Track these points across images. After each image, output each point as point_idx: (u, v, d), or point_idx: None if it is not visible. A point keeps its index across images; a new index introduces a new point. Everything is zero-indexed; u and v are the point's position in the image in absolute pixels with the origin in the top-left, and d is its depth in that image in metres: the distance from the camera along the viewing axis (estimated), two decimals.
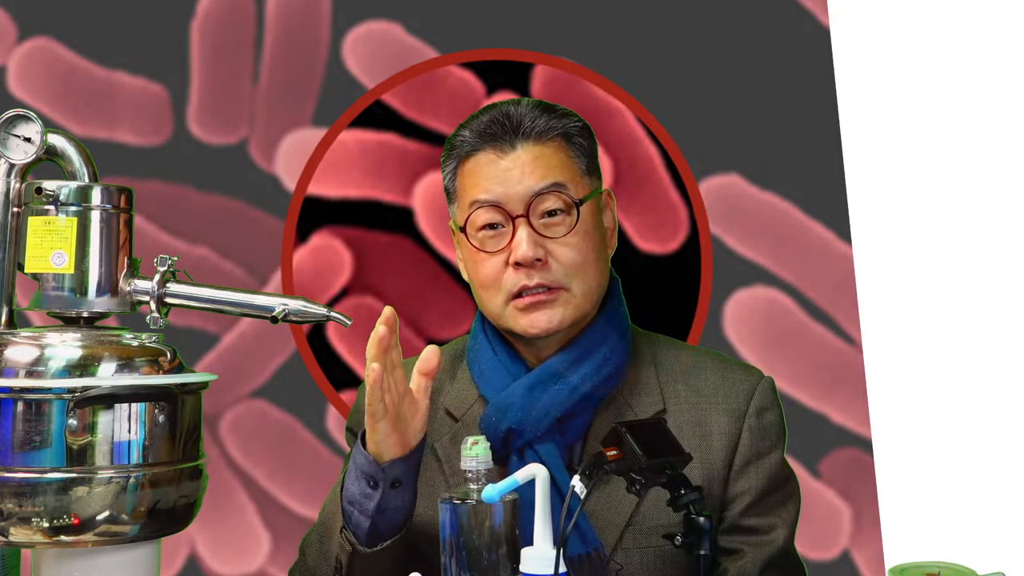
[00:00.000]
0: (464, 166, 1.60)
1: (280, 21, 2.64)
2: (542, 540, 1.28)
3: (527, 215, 1.55)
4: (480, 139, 1.59)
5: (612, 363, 1.58)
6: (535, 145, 1.57)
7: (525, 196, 1.55)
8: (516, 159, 1.57)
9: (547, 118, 1.59)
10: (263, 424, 2.60)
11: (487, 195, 1.56)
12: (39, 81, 2.60)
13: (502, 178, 1.56)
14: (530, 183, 1.55)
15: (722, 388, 1.61)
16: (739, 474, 1.58)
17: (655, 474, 1.32)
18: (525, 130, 1.57)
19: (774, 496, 1.59)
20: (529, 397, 1.55)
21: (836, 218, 2.57)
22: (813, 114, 2.57)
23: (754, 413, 1.60)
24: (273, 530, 2.58)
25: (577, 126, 1.61)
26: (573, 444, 1.57)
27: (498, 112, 1.60)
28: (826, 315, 2.58)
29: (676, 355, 1.65)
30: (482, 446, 1.39)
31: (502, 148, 1.57)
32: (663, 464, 1.32)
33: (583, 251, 1.56)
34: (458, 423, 1.63)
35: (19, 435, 1.28)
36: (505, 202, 1.56)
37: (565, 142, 1.59)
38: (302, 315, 1.41)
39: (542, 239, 1.55)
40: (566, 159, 1.58)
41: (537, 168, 1.56)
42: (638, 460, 1.30)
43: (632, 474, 1.31)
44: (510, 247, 1.55)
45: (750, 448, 1.58)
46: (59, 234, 1.35)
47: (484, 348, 1.63)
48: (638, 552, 1.53)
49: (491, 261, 1.57)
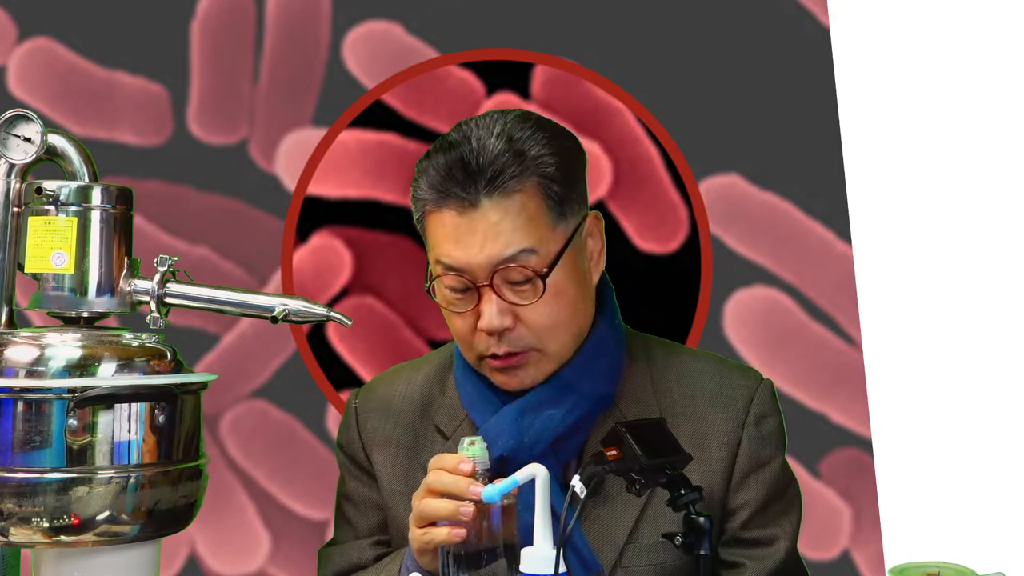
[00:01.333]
0: (428, 218, 1.50)
1: (280, 21, 2.64)
2: (542, 540, 1.28)
3: (492, 284, 1.45)
4: (441, 195, 1.46)
5: (604, 386, 1.53)
6: (501, 201, 1.44)
7: (487, 266, 1.44)
8: (481, 219, 1.44)
9: (515, 165, 1.45)
10: (263, 424, 2.60)
11: (449, 260, 1.46)
12: (39, 81, 2.60)
13: (464, 242, 1.45)
14: (493, 251, 1.44)
15: (720, 395, 1.56)
16: (739, 485, 1.54)
17: (655, 474, 1.32)
18: (488, 182, 1.44)
19: (775, 506, 1.56)
20: (520, 424, 1.49)
21: (836, 218, 2.57)
22: (813, 114, 2.57)
23: (753, 421, 1.55)
24: (273, 530, 2.58)
25: (551, 168, 1.47)
26: (568, 462, 1.53)
27: (455, 158, 1.46)
28: (826, 315, 2.58)
29: (672, 361, 1.59)
30: (479, 446, 1.38)
31: (462, 206, 1.45)
32: (663, 464, 1.32)
33: (554, 312, 1.47)
34: (448, 441, 1.58)
35: (19, 435, 1.28)
36: (468, 271, 1.46)
37: (537, 188, 1.46)
38: (302, 315, 1.41)
39: (510, 306, 1.46)
40: (536, 211, 1.45)
41: (502, 232, 1.44)
42: (638, 460, 1.30)
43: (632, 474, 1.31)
44: (478, 310, 1.47)
45: (750, 458, 1.54)
46: (59, 234, 1.35)
47: (468, 372, 1.56)
48: (638, 570, 1.50)
49: (460, 320, 1.50)
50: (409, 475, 1.59)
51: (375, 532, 1.64)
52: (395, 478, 1.61)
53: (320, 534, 2.54)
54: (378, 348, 2.57)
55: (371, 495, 1.63)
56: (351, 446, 1.66)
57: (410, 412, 1.62)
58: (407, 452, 1.60)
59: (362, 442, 1.64)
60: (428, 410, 1.61)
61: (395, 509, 1.60)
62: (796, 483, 1.61)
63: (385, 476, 1.61)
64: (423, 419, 1.61)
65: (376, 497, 1.63)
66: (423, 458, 1.54)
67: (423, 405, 1.62)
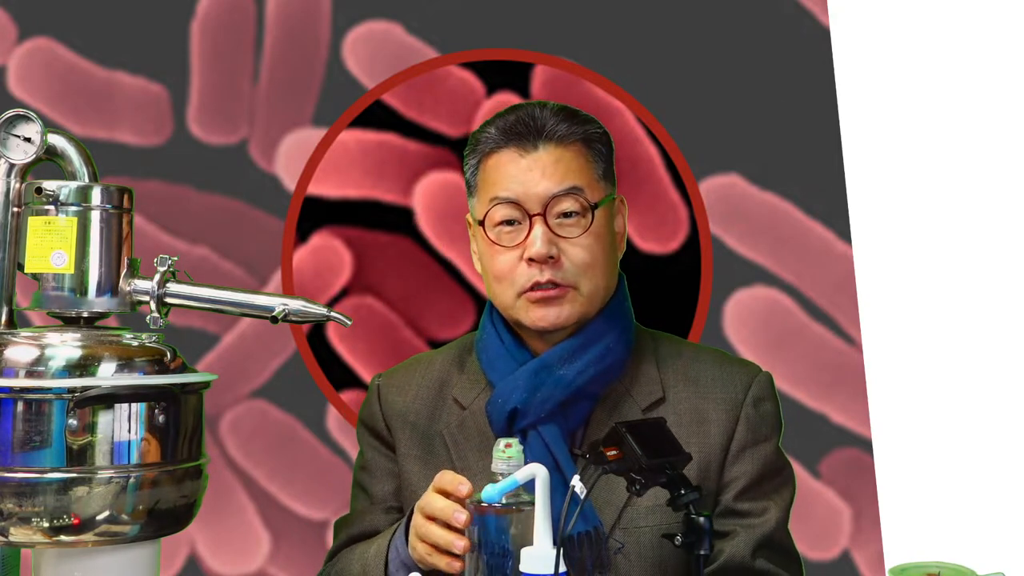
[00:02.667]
0: (487, 162, 1.65)
1: (280, 21, 2.64)
2: (542, 539, 1.28)
3: (544, 214, 1.60)
4: (504, 137, 1.64)
5: (614, 355, 1.63)
6: (556, 148, 1.62)
7: (543, 196, 1.60)
8: (537, 160, 1.62)
9: (570, 123, 1.64)
10: (263, 424, 2.60)
11: (507, 192, 1.62)
12: (39, 81, 2.60)
13: (522, 177, 1.61)
14: (549, 184, 1.61)
15: (720, 380, 1.65)
16: (734, 459, 1.61)
17: (655, 474, 1.32)
18: (548, 133, 1.63)
19: (768, 483, 1.62)
20: (534, 380, 1.60)
21: (836, 218, 2.57)
22: (813, 114, 2.57)
23: (751, 403, 1.64)
24: (273, 530, 2.58)
25: (598, 132, 1.67)
26: (575, 430, 1.62)
27: (524, 113, 1.65)
28: (826, 315, 2.58)
29: (677, 350, 1.70)
30: (515, 448, 1.38)
31: (524, 148, 1.63)
32: (663, 464, 1.32)
33: (594, 252, 1.62)
34: (465, 411, 1.67)
35: (19, 435, 1.28)
36: (524, 200, 1.61)
37: (585, 147, 1.64)
38: (302, 315, 1.41)
39: (556, 238, 1.60)
40: (585, 163, 1.64)
41: (557, 170, 1.61)
42: (638, 460, 1.30)
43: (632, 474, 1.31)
44: (525, 243, 1.60)
45: (745, 435, 1.62)
46: (59, 234, 1.35)
47: (492, 338, 1.68)
48: (636, 531, 1.56)
49: (506, 255, 1.62)
50: (425, 441, 1.68)
51: (388, 499, 1.71)
52: (412, 443, 1.69)
53: (320, 534, 2.54)
54: (378, 348, 2.57)
55: (387, 464, 1.71)
56: (372, 419, 1.74)
57: (428, 389, 1.72)
58: (425, 421, 1.69)
59: (383, 414, 1.72)
60: (445, 387, 1.71)
61: (410, 474, 1.68)
62: (791, 468, 1.68)
63: (403, 441, 1.70)
64: (440, 395, 1.71)
65: (392, 467, 1.71)
66: (439, 426, 1.68)
67: (441, 384, 1.72)
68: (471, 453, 1.64)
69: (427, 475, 1.60)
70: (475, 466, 1.62)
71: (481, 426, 1.65)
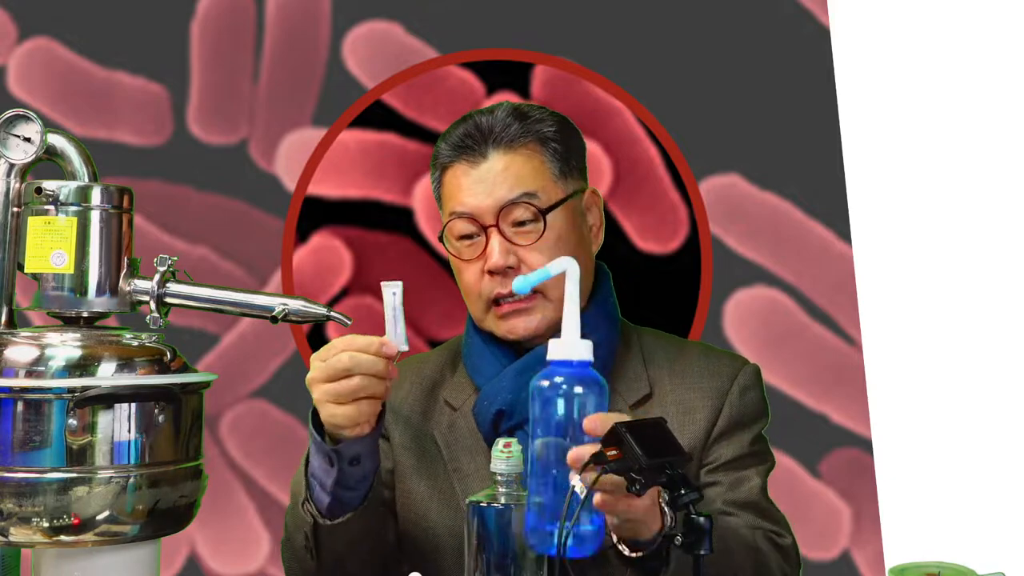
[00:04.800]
0: (444, 176, 1.66)
1: (280, 21, 2.64)
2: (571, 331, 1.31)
3: (498, 225, 1.60)
4: (455, 152, 1.64)
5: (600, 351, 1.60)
6: (506, 153, 1.62)
7: (494, 207, 1.60)
8: (488, 170, 1.61)
9: (519, 125, 1.63)
10: (263, 424, 2.60)
11: (461, 207, 1.62)
12: (39, 81, 2.60)
13: (474, 190, 1.61)
14: (500, 194, 1.60)
15: (707, 371, 1.66)
16: (717, 440, 1.63)
17: (655, 474, 1.32)
18: (495, 138, 1.62)
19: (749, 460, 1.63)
20: (519, 381, 1.59)
21: (836, 218, 2.57)
22: (813, 114, 2.57)
23: (737, 391, 1.65)
24: (273, 530, 2.58)
25: (551, 129, 1.65)
26: None
27: (471, 124, 1.65)
28: (826, 315, 2.58)
29: (662, 344, 1.70)
30: (515, 449, 1.38)
31: (473, 160, 1.62)
32: (663, 464, 1.32)
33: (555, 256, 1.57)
34: (456, 412, 1.68)
35: (19, 435, 1.28)
36: (478, 214, 1.61)
37: (539, 146, 1.63)
38: (302, 315, 1.41)
39: (514, 247, 1.60)
40: (538, 165, 1.62)
41: (507, 178, 1.61)
42: (638, 460, 1.30)
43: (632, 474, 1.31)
44: (485, 255, 1.61)
45: (729, 419, 1.63)
46: (59, 234, 1.35)
47: (476, 342, 1.69)
48: None
49: (470, 269, 1.64)
50: (417, 439, 1.69)
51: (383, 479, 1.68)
52: (406, 438, 1.69)
53: None
54: None
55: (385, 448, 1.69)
56: None
57: (421, 389, 1.72)
58: (418, 421, 1.70)
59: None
60: (437, 388, 1.71)
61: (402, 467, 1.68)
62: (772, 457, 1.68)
63: (397, 434, 1.70)
64: (431, 396, 1.71)
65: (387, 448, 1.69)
66: (430, 427, 1.68)
67: (433, 384, 1.72)
68: (463, 454, 1.64)
69: (420, 474, 1.64)
70: (467, 467, 1.63)
71: (472, 428, 1.65)
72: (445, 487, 1.65)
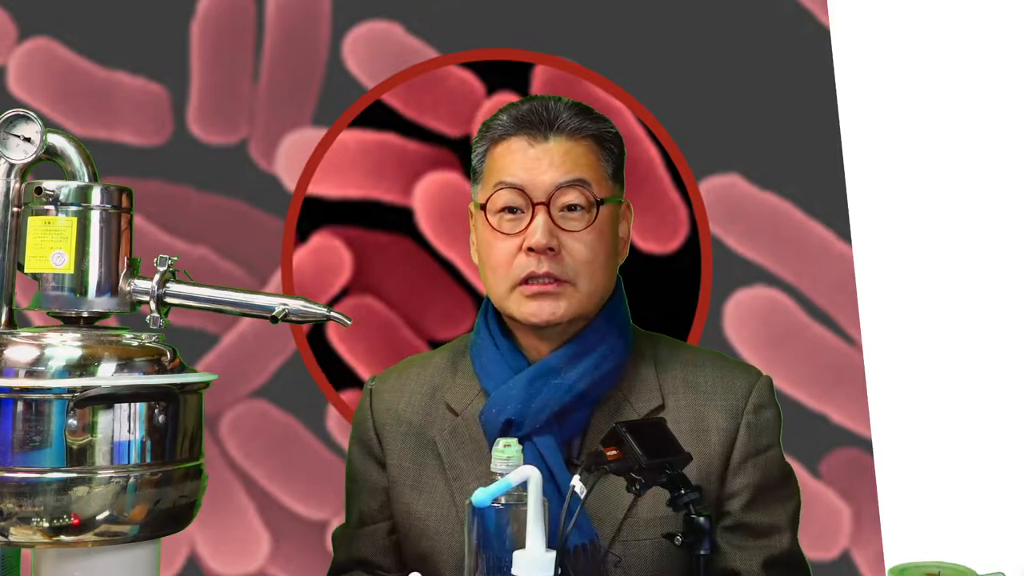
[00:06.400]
0: (495, 148, 1.63)
1: (280, 21, 2.64)
2: (535, 542, 1.28)
3: (547, 204, 1.58)
4: (516, 125, 1.62)
5: (611, 361, 1.60)
6: (567, 140, 1.61)
7: (549, 186, 1.58)
8: (546, 150, 1.60)
9: (582, 118, 1.63)
10: (263, 424, 2.60)
11: (512, 178, 1.59)
12: (39, 81, 2.60)
13: (530, 165, 1.59)
14: (556, 174, 1.59)
15: (720, 386, 1.63)
16: (737, 470, 1.59)
17: (655, 474, 1.32)
18: (560, 125, 1.61)
19: (774, 493, 1.60)
20: (529, 390, 1.57)
21: (836, 218, 2.57)
22: (813, 114, 2.57)
23: (752, 410, 1.61)
24: (273, 530, 2.58)
25: (611, 132, 1.66)
26: (572, 439, 1.59)
27: (538, 104, 1.64)
28: (826, 315, 2.58)
29: (676, 354, 1.67)
30: (514, 448, 1.37)
31: (535, 137, 1.61)
32: (663, 464, 1.32)
33: (595, 250, 1.59)
34: (458, 417, 1.65)
35: (19, 435, 1.28)
36: (528, 187, 1.58)
37: (596, 144, 1.63)
38: (302, 315, 1.41)
39: (558, 230, 1.58)
40: (595, 160, 1.62)
41: (565, 162, 1.59)
42: (638, 460, 1.30)
43: (632, 474, 1.31)
44: (525, 233, 1.58)
45: (747, 444, 1.60)
46: (59, 234, 1.35)
47: (486, 342, 1.65)
48: (636, 544, 1.54)
49: (505, 243, 1.59)
50: (417, 447, 1.66)
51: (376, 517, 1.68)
52: (403, 455, 1.66)
53: (320, 534, 2.54)
54: (378, 348, 2.57)
55: (375, 479, 1.69)
56: (363, 427, 1.71)
57: (421, 394, 1.69)
58: (418, 427, 1.67)
59: (374, 422, 1.70)
60: (438, 392, 1.68)
61: (400, 486, 1.65)
62: (795, 477, 1.66)
63: (394, 451, 1.67)
64: (432, 400, 1.67)
65: (379, 480, 1.68)
66: (431, 433, 1.65)
67: (433, 388, 1.69)
68: (463, 460, 1.62)
69: (418, 483, 1.61)
70: (467, 474, 1.60)
71: (474, 433, 1.62)
72: (444, 494, 1.62)
